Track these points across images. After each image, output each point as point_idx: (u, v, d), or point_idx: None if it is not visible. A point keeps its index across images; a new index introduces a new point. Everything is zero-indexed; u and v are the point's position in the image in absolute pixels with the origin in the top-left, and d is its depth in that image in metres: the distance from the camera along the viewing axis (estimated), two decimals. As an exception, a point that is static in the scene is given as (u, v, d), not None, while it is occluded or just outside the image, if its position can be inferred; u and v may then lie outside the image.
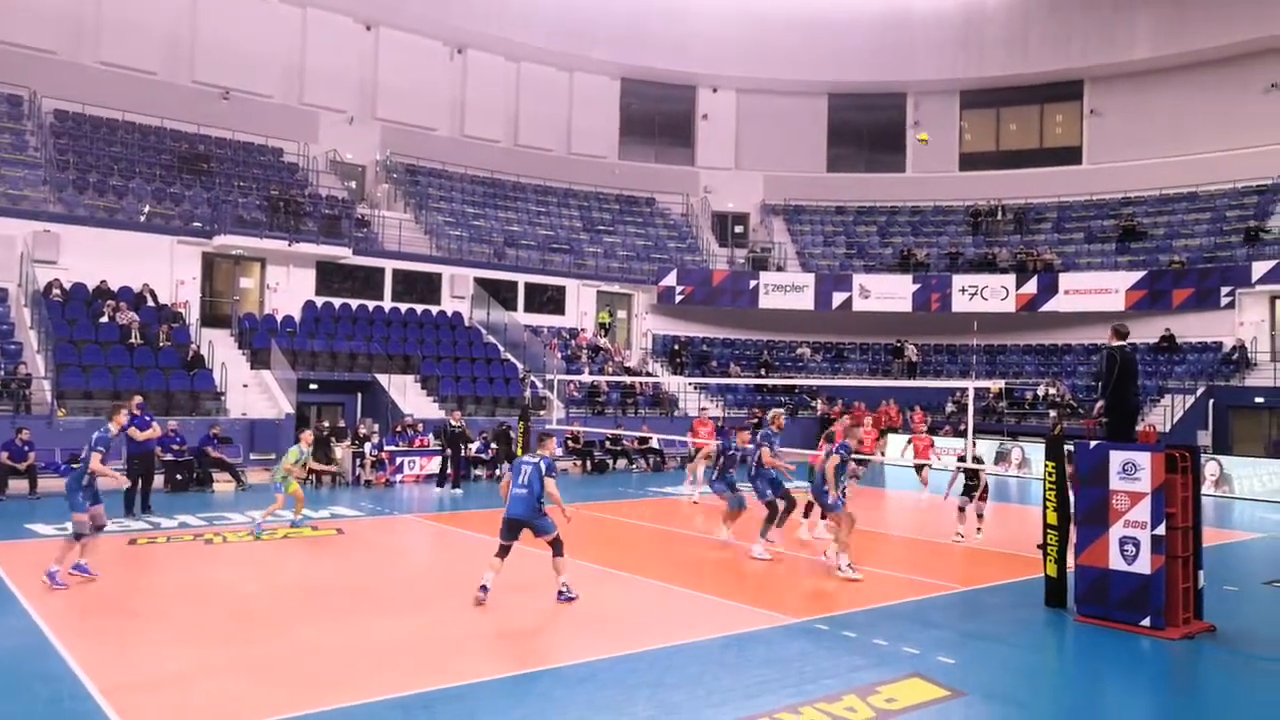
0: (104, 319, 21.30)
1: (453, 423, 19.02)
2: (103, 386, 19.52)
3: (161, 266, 23.67)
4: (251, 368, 22.67)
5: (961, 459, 14.17)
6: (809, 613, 9.15)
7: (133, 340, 20.99)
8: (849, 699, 6.66)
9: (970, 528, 13.53)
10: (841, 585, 10.60)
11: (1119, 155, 34.75)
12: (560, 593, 9.34)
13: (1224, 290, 28.52)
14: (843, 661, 7.58)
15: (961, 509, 13.46)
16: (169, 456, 17.20)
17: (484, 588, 9.20)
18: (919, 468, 19.87)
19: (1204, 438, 24.47)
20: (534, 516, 9.30)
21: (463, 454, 19.47)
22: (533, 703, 6.50)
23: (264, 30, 29.94)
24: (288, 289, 25.67)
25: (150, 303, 22.80)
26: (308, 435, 14.34)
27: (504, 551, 9.35)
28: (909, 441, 20.73)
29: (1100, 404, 9.57)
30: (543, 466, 9.30)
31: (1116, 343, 9.59)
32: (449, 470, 18.87)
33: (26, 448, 16.18)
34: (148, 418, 14.92)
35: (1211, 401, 25.81)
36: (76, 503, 9.76)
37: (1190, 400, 25.80)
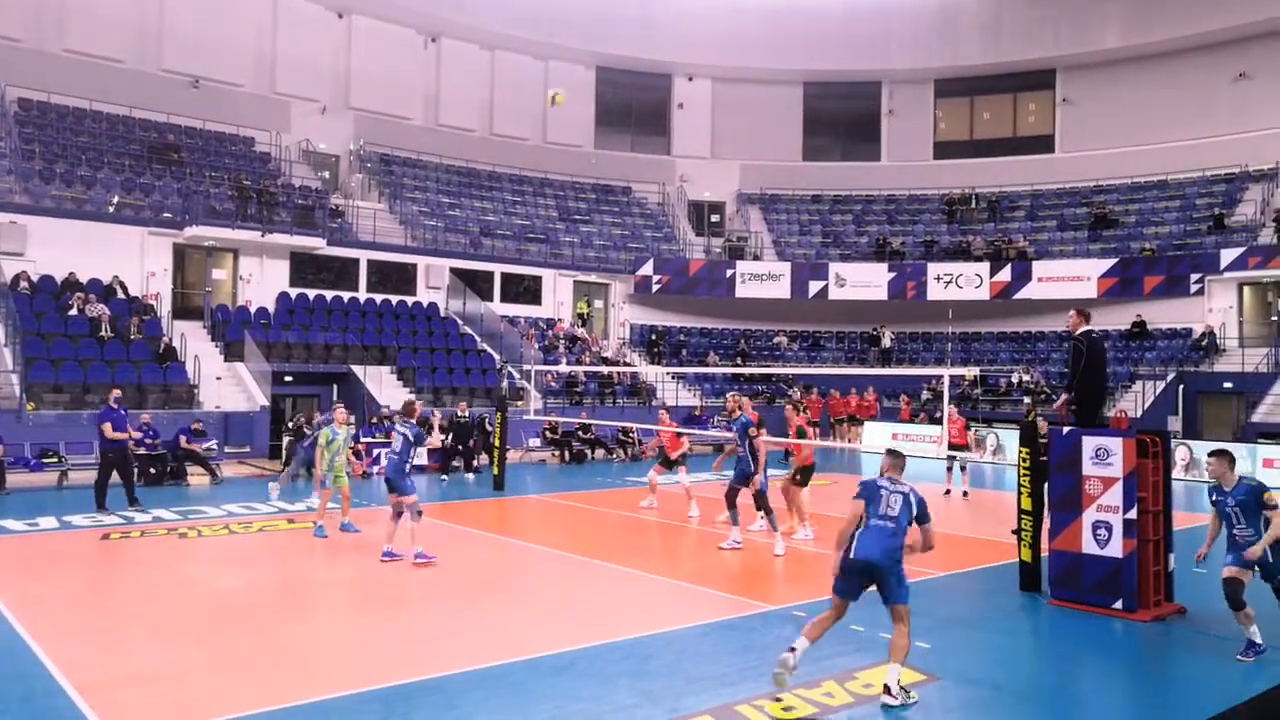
0: (73, 311, 21.00)
1: (459, 414, 19.52)
2: (73, 380, 19.26)
3: (132, 258, 23.38)
4: (225, 360, 22.45)
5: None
6: (787, 600, 9.20)
7: (103, 333, 20.72)
8: (828, 685, 6.72)
9: None
10: (821, 571, 10.66)
11: (1090, 144, 35.09)
12: None
13: (1193, 277, 28.91)
14: (821, 648, 7.59)
15: None
16: (142, 450, 17.00)
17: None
18: (953, 458, 17.20)
19: (1174, 423, 24.83)
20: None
21: (472, 443, 20.25)
22: (511, 693, 6.50)
23: (234, 18, 29.54)
24: (261, 280, 25.42)
25: (120, 295, 22.50)
26: (340, 414, 12.69)
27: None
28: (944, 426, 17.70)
29: (1065, 397, 9.64)
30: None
31: (1083, 327, 9.61)
32: (456, 461, 19.74)
33: (-4, 442, 15.93)
34: (123, 411, 14.73)
35: (1181, 387, 26.18)
36: (407, 486, 10.79)
37: (1161, 386, 26.15)
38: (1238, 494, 7.72)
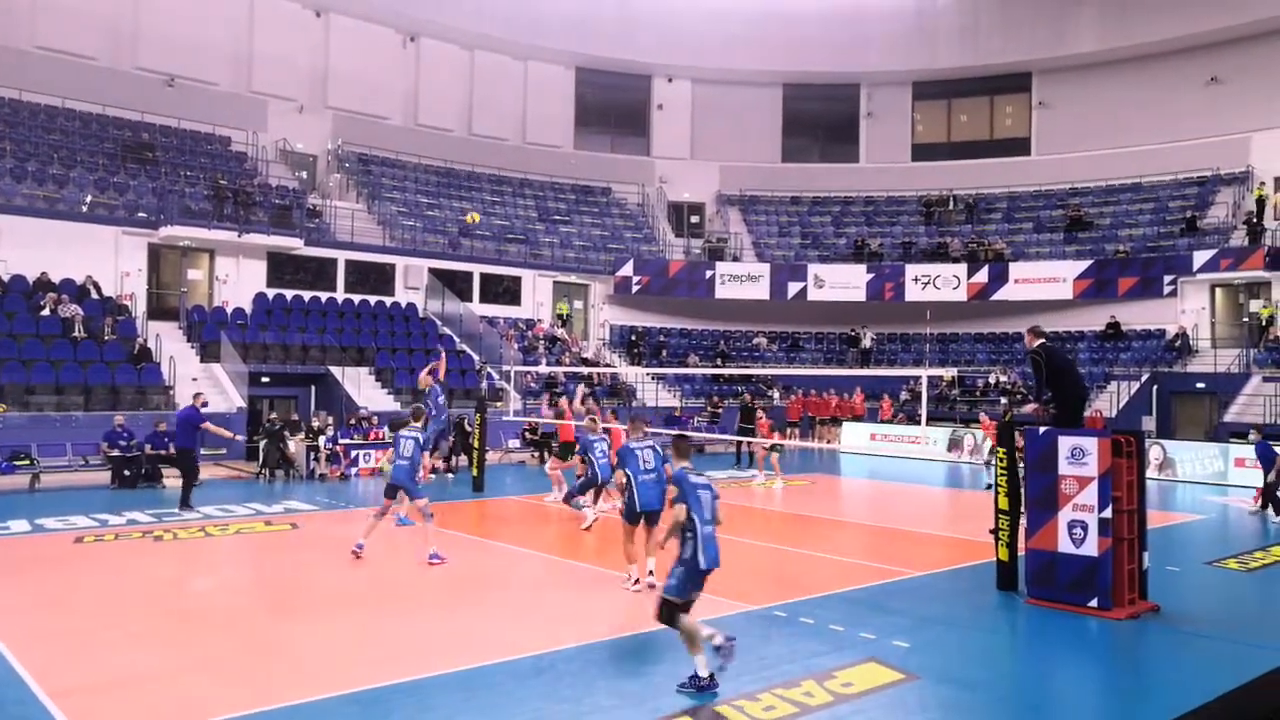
0: (45, 312, 20.73)
1: None
2: (45, 381, 19.02)
3: (106, 258, 23.09)
4: (201, 361, 22.23)
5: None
6: (767, 600, 9.22)
7: (76, 334, 20.46)
8: (807, 684, 6.74)
9: None
10: (801, 572, 10.70)
11: (1066, 146, 35.41)
12: None
13: (1166, 279, 29.25)
14: (800, 647, 7.66)
15: None
16: (115, 453, 16.84)
17: None
18: (990, 462, 17.60)
19: (1148, 423, 25.11)
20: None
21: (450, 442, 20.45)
22: (488, 695, 6.47)
23: (210, 15, 29.25)
24: (238, 280, 25.19)
25: (94, 295, 22.23)
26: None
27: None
28: (981, 428, 18.34)
29: (1031, 405, 9.68)
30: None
31: (1037, 342, 9.60)
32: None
33: (-35, 445, 15.71)
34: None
35: (1155, 387, 26.48)
36: (418, 490, 11.22)
37: (1135, 386, 26.44)
38: None
